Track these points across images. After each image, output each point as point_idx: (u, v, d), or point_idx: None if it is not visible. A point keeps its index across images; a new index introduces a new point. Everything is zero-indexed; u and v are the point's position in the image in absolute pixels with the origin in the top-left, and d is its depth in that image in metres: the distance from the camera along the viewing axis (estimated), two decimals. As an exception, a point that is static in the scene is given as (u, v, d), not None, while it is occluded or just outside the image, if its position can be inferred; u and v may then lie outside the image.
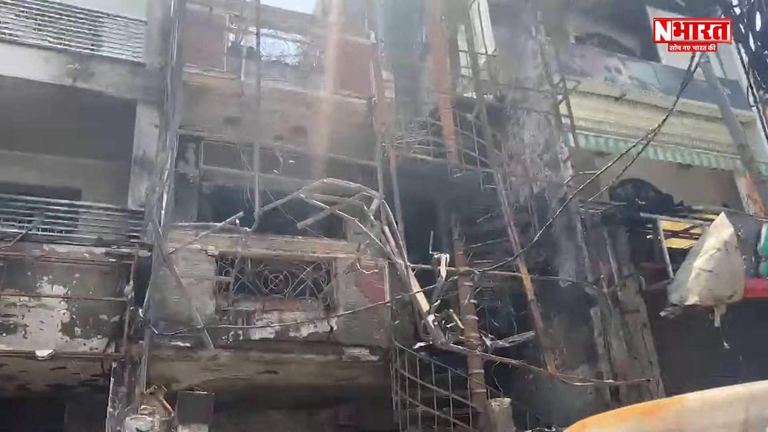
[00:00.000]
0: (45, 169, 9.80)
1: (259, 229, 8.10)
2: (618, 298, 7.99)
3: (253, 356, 7.75)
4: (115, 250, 7.86)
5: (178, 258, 7.61)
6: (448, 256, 5.95)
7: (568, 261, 8.52)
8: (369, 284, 8.07)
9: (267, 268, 8.01)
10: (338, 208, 6.58)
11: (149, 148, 8.68)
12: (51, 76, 8.59)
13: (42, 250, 7.58)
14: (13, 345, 7.06)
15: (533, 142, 9.63)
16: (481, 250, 8.80)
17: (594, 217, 8.55)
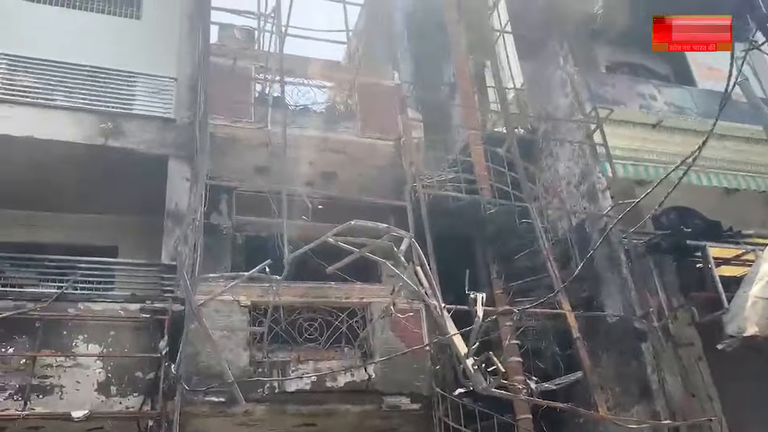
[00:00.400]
0: (82, 228, 9.90)
1: (291, 277, 8.01)
2: (670, 332, 7.55)
3: (289, 409, 7.52)
4: (149, 306, 7.82)
5: (210, 310, 7.51)
6: (485, 295, 5.68)
7: (614, 295, 8.13)
8: (406, 329, 7.80)
9: (301, 317, 7.84)
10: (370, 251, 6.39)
11: (181, 201, 8.70)
12: (84, 136, 8.74)
13: (77, 308, 7.57)
14: (49, 406, 6.99)
15: (569, 174, 9.36)
16: (521, 288, 8.48)
17: (638, 248, 8.18)
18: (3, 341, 7.14)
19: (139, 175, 8.91)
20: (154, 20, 11.01)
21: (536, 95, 10.53)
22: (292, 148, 8.75)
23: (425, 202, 8.23)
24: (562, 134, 9.59)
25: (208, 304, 7.50)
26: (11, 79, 9.06)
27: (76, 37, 10.28)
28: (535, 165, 9.92)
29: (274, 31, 8.35)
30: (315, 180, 9.46)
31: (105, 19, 11.08)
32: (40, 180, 9.02)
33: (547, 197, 9.49)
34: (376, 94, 9.45)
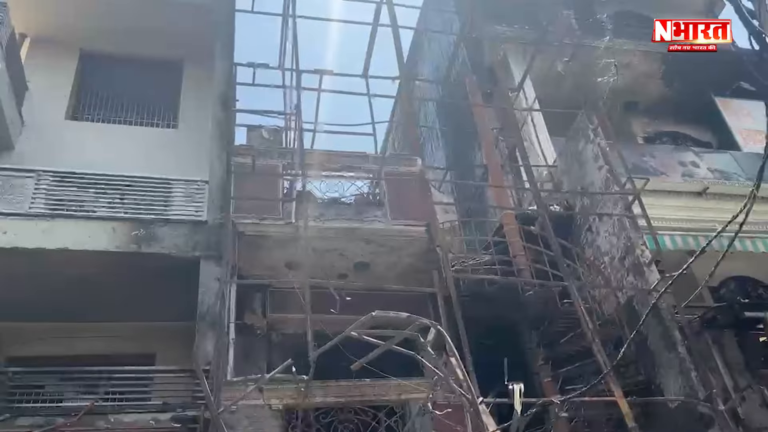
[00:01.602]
0: (119, 337, 9.87)
1: (326, 376, 7.68)
2: (739, 415, 6.81)
3: None
4: (181, 414, 7.57)
5: (241, 416, 7.22)
6: (522, 386, 5.24)
7: (673, 377, 7.45)
8: (448, 427, 7.28)
9: (336, 418, 7.44)
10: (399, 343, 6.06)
11: (213, 302, 8.61)
12: (117, 245, 8.84)
13: (107, 421, 7.39)
14: None
15: (611, 249, 8.91)
16: (570, 374, 7.91)
17: (693, 324, 7.57)
18: (35, 460, 6.98)
19: (173, 279, 8.90)
20: (189, 128, 11.44)
21: (570, 171, 10.27)
22: (322, 241, 8.69)
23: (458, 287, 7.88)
24: (600, 209, 9.21)
25: (239, 411, 7.23)
26: (51, 194, 9.37)
27: (115, 149, 10.73)
28: (575, 242, 9.50)
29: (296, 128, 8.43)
30: (347, 272, 9.28)
31: (144, 130, 11.61)
32: (78, 290, 9.09)
33: (591, 275, 9.02)
34: (403, 181, 9.37)
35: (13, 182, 9.19)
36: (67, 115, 11.35)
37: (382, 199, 9.43)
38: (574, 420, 7.50)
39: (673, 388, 7.39)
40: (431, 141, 14.84)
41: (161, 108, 11.92)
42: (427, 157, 13.76)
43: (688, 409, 7.06)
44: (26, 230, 8.64)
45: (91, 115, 11.59)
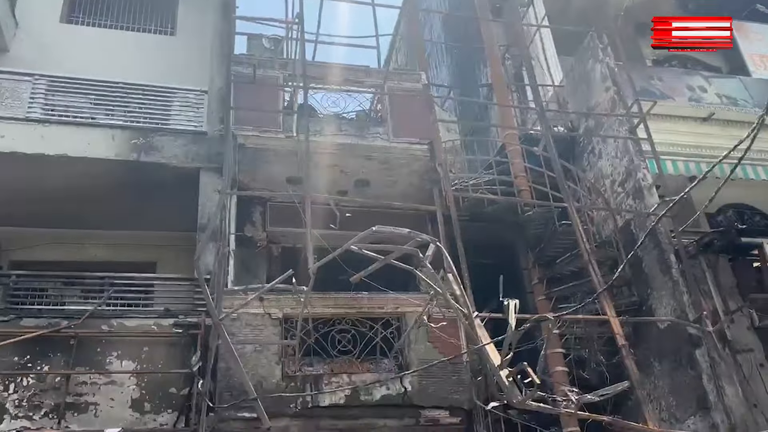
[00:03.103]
0: (122, 245, 10.00)
1: (324, 289, 7.82)
2: (727, 337, 6.99)
3: (324, 424, 7.29)
4: (183, 321, 7.76)
5: (242, 324, 7.40)
6: (518, 302, 5.33)
7: (665, 299, 7.60)
8: (443, 340, 7.48)
9: (334, 329, 7.62)
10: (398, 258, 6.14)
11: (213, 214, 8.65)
12: (116, 152, 8.79)
13: (110, 325, 7.57)
14: (84, 424, 6.97)
15: (613, 172, 8.88)
16: (563, 294, 8.06)
17: (689, 248, 7.65)
18: (38, 359, 7.19)
19: (173, 189, 8.93)
20: (187, 35, 11.15)
21: (577, 92, 10.10)
22: (323, 156, 8.63)
23: (458, 205, 7.90)
24: (605, 131, 9.12)
25: (240, 318, 7.40)
26: (49, 99, 9.24)
27: (112, 55, 10.49)
28: (578, 164, 9.46)
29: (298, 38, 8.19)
30: (348, 188, 9.27)
31: (140, 36, 11.30)
32: (79, 198, 9.12)
33: (591, 197, 9.03)
34: (406, 97, 9.21)
35: (8, 86, 9.04)
36: (62, 18, 11.03)
37: (384, 116, 9.28)
38: (565, 337, 7.70)
39: (664, 309, 7.55)
40: (436, 57, 14.49)
41: (158, 14, 11.58)
42: (431, 73, 13.47)
43: (677, 329, 7.25)
44: (24, 135, 8.58)
45: (86, 18, 11.26)
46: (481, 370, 7.68)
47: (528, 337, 7.23)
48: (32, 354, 7.18)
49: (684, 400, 7.06)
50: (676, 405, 7.16)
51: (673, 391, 7.23)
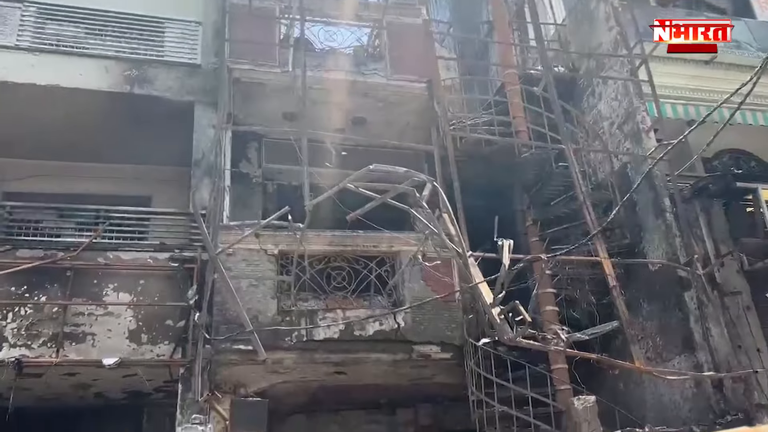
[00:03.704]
0: (116, 179, 9.90)
1: (321, 227, 7.85)
2: (716, 280, 7.08)
3: (318, 357, 7.46)
4: (178, 255, 7.83)
5: (238, 260, 7.46)
6: (512, 242, 5.38)
7: (658, 242, 7.67)
8: (436, 278, 7.58)
9: (329, 266, 7.69)
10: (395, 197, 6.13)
11: (208, 149, 8.59)
12: (109, 84, 8.65)
13: (106, 258, 7.63)
14: (82, 354, 7.13)
15: (612, 114, 8.80)
16: (557, 236, 8.12)
17: (684, 192, 7.67)
18: (35, 289, 7.27)
19: (167, 123, 8.83)
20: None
21: (579, 31, 9.89)
22: (319, 92, 8.50)
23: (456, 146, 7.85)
24: (606, 72, 8.99)
25: (236, 254, 7.45)
26: (39, 27, 9.00)
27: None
28: (577, 106, 9.36)
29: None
30: (345, 126, 9.17)
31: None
32: (72, 130, 9.02)
33: (588, 140, 8.98)
34: (405, 33, 9.01)
35: (-4, 12, 8.79)
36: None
37: (383, 52, 9.10)
38: (557, 277, 7.80)
39: (656, 252, 7.63)
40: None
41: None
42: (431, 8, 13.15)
43: (668, 272, 7.34)
44: (15, 63, 8.43)
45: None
46: (472, 308, 7.81)
47: (520, 277, 7.32)
48: (29, 284, 7.26)
49: (670, 340, 7.22)
50: (663, 345, 7.33)
51: (661, 331, 7.39)
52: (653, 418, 7.03)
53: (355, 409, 9.43)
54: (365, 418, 9.45)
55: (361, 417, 9.45)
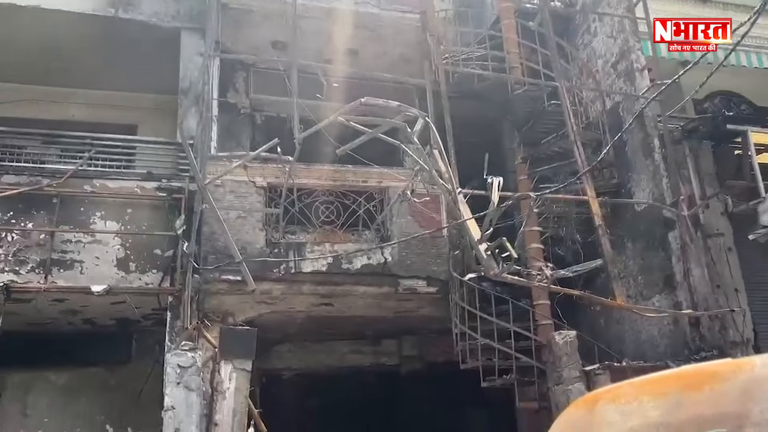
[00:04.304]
0: (102, 106, 9.75)
1: (310, 160, 7.80)
2: (700, 221, 7.20)
3: (306, 289, 7.55)
4: (166, 185, 7.78)
5: (226, 191, 7.43)
6: (502, 180, 5.40)
7: (645, 182, 7.73)
8: (424, 214, 7.62)
9: (318, 200, 7.69)
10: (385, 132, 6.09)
11: (195, 77, 8.42)
12: (93, 7, 8.37)
13: (93, 186, 7.56)
14: (70, 280, 7.15)
15: (606, 52, 8.69)
16: (546, 174, 8.13)
17: (674, 133, 7.67)
18: (22, 216, 7.23)
19: (154, 50, 8.60)
20: None
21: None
22: (310, 21, 8.28)
23: (448, 81, 7.74)
24: (602, 8, 8.81)
25: (224, 185, 7.42)
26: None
27: None
28: (572, 43, 9.22)
29: None
30: (335, 58, 8.98)
31: None
32: (56, 54, 8.79)
33: (582, 78, 8.89)
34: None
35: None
36: None
37: (376, -20, 8.84)
38: (543, 216, 7.86)
39: (643, 192, 7.70)
40: None
41: None
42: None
43: (653, 212, 7.43)
44: (-6, -17, 8.09)
45: None
46: (458, 244, 7.90)
47: (507, 215, 7.38)
48: (15, 210, 7.21)
49: (652, 279, 7.38)
50: (644, 283, 7.49)
51: (643, 270, 7.53)
52: (631, 353, 7.26)
53: (341, 339, 9.65)
54: (351, 348, 9.69)
55: (347, 347, 9.69)
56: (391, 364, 9.80)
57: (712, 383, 0.93)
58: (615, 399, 1.01)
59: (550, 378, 6.76)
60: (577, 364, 6.58)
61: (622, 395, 1.01)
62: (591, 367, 6.58)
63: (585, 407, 1.06)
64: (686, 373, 1.00)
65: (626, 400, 1.00)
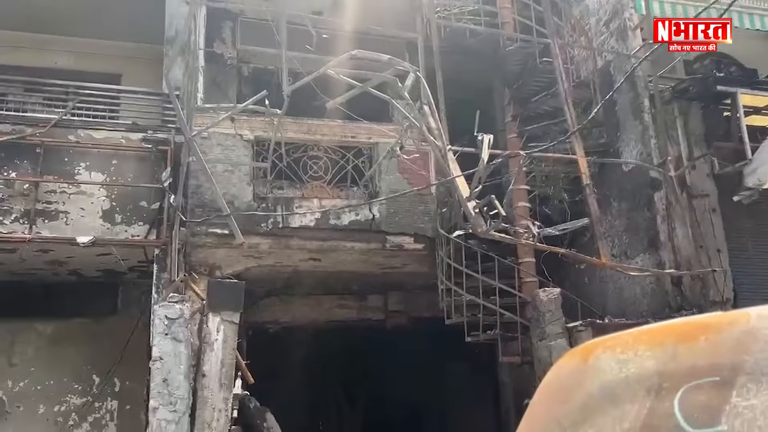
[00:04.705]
0: (86, 54, 9.54)
1: (298, 114, 7.71)
2: (686, 182, 7.25)
3: (294, 244, 7.56)
4: (152, 136, 7.68)
5: (213, 143, 7.35)
6: (492, 137, 5.37)
7: (633, 142, 7.75)
8: (413, 171, 7.60)
9: (306, 155, 7.63)
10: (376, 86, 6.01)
11: (181, 27, 8.22)
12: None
13: (77, 136, 7.45)
14: (55, 231, 7.09)
15: (599, 10, 8.60)
16: (536, 133, 8.12)
17: (664, 94, 7.66)
18: (4, 165, 7.12)
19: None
20: None
21: None
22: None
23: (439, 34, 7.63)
24: (597, -37, 8.69)
25: (211, 138, 7.33)
26: None
27: None
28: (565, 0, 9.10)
29: None
30: (324, 9, 8.79)
31: None
32: (36, 1, 8.52)
33: (574, 35, 8.80)
34: None
35: None
36: None
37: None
38: (531, 174, 7.88)
39: (631, 153, 7.72)
40: None
41: None
42: None
43: (640, 173, 7.47)
44: None
45: None
46: (446, 201, 7.92)
47: (494, 174, 7.39)
48: (-2, 159, 7.10)
49: (636, 239, 7.47)
50: (629, 243, 7.58)
51: (628, 230, 7.61)
52: (613, 311, 7.39)
53: (328, 294, 9.71)
54: (337, 302, 9.76)
55: (333, 301, 9.76)
56: (377, 318, 9.90)
57: (708, 334, 0.94)
58: (611, 348, 1.03)
59: (533, 334, 6.88)
60: (560, 320, 6.70)
61: (618, 345, 1.03)
62: (573, 324, 6.70)
63: (580, 356, 1.08)
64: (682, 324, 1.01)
65: (622, 350, 1.01)
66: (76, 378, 8.60)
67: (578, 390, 1.06)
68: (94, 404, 8.57)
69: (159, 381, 5.75)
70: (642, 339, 1.06)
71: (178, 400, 5.65)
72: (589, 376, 1.06)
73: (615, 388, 1.01)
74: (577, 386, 1.07)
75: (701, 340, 0.98)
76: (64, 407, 8.50)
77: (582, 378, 1.07)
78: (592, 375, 1.06)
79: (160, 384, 5.74)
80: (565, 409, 1.06)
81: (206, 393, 5.96)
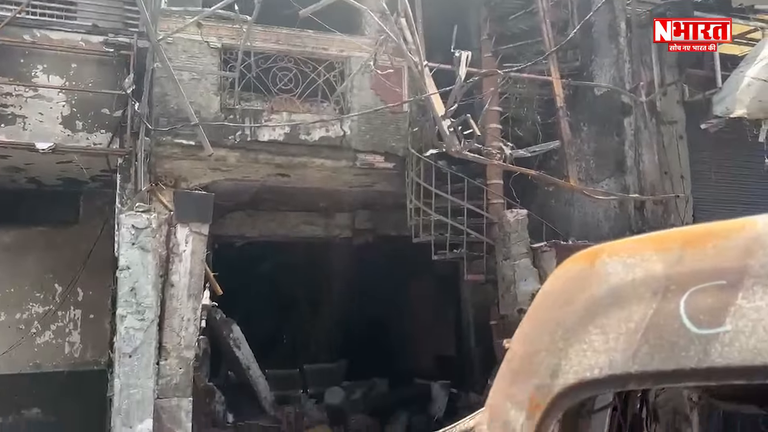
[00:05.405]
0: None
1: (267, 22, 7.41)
2: (656, 108, 7.30)
3: (262, 158, 7.44)
4: (113, 40, 7.32)
5: (178, 50, 7.05)
6: (470, 54, 5.27)
7: (607, 66, 7.70)
8: (386, 88, 7.43)
9: (275, 66, 7.38)
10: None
11: None
12: None
13: (33, 36, 7.05)
14: (12, 136, 6.83)
15: (582, -74, 8.32)
16: (511, 53, 7.99)
17: (642, 17, 7.58)
18: (-46, 63, 6.73)
19: None
20: None
21: None
22: None
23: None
24: None
25: (176, 43, 7.03)
26: None
27: None
28: None
29: None
30: None
31: None
32: None
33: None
34: None
35: None
36: None
37: None
38: (505, 95, 7.78)
39: (604, 77, 7.69)
40: None
41: None
42: None
43: (612, 97, 7.47)
44: None
45: None
46: (418, 120, 7.84)
47: (467, 94, 7.29)
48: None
49: (604, 163, 7.55)
50: (596, 167, 7.67)
51: (596, 154, 7.68)
52: (576, 233, 7.55)
53: (295, 210, 9.68)
54: (304, 219, 9.75)
55: (300, 218, 9.74)
56: (344, 236, 9.95)
57: (715, 240, 0.94)
58: (617, 253, 1.03)
59: (498, 253, 7.01)
60: (526, 241, 6.82)
61: (625, 249, 1.03)
62: (538, 245, 6.84)
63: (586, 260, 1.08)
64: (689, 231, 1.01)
65: (629, 254, 1.01)
66: (37, 287, 8.51)
67: (582, 293, 1.07)
68: (57, 313, 8.54)
69: (126, 290, 5.72)
70: (648, 245, 1.06)
71: (146, 309, 5.65)
72: (595, 280, 1.06)
73: (621, 290, 1.01)
74: (581, 290, 1.07)
75: (708, 246, 0.98)
76: (26, 315, 8.46)
77: (587, 282, 1.08)
78: (597, 279, 1.06)
79: (127, 293, 5.72)
80: (568, 310, 1.07)
81: (175, 303, 5.97)
